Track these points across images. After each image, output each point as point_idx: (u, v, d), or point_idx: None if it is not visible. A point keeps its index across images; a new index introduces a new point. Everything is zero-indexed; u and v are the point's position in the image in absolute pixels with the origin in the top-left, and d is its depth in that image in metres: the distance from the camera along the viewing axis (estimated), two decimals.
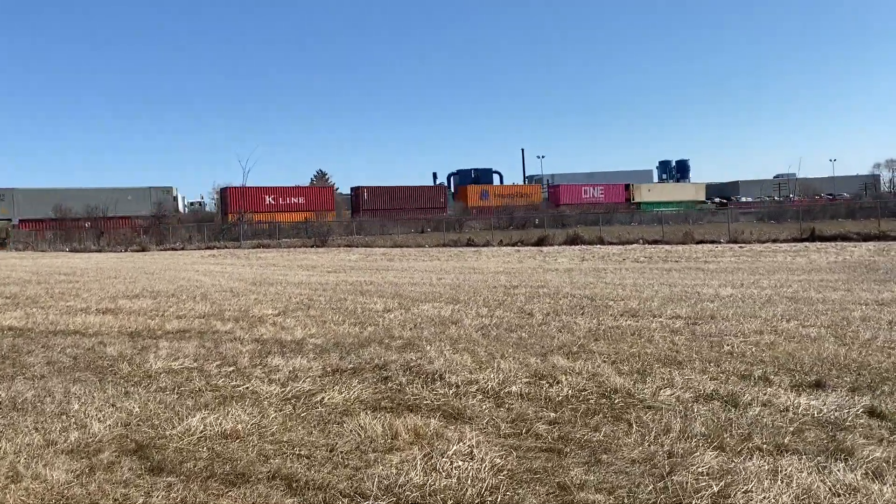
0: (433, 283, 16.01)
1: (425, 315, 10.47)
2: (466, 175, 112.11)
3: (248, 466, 4.00)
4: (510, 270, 19.76)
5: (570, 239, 33.81)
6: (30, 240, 45.44)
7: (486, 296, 12.86)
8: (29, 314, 11.32)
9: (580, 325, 9.17)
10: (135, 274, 19.76)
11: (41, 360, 7.55)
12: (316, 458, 4.12)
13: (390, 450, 4.20)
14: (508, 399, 5.30)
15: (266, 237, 44.95)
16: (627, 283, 14.85)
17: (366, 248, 35.63)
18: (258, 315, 10.75)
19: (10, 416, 5.27)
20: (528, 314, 10.43)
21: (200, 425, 4.74)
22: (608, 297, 12.32)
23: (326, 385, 5.89)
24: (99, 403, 5.49)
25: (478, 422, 4.74)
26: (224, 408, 5.22)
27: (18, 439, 4.62)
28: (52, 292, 14.78)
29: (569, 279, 16.03)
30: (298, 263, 24.74)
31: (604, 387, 5.56)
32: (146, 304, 12.34)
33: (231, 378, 6.33)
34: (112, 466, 4.07)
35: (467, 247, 34.26)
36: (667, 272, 18.06)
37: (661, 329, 8.71)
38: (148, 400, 5.55)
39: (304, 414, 5.07)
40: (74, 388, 6.02)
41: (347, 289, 14.76)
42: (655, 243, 32.69)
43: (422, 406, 5.18)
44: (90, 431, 4.74)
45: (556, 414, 4.83)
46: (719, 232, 36.22)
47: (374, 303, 12.15)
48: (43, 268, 23.88)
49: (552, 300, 12.04)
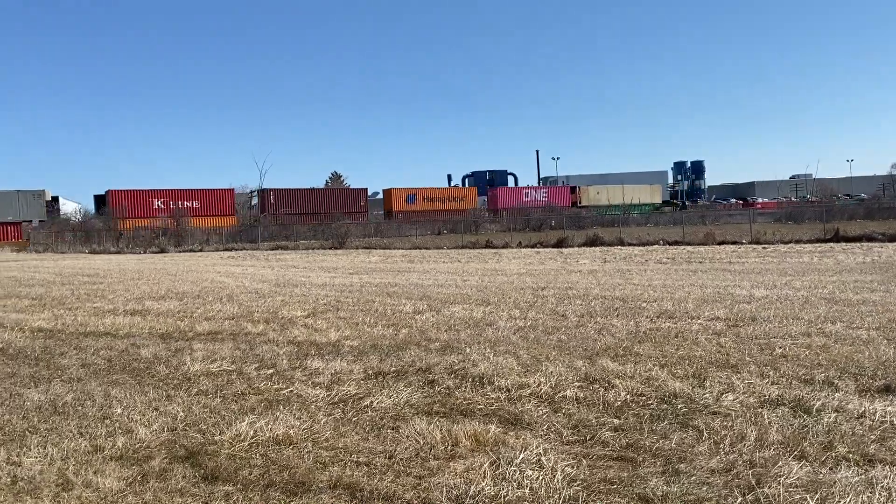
0: (458, 284, 15.83)
1: (457, 317, 10.29)
2: (481, 177, 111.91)
3: (307, 474, 3.83)
4: (533, 272, 19.54)
5: (589, 240, 33.51)
6: (49, 241, 45.70)
7: (516, 298, 12.66)
8: (57, 315, 11.25)
9: (618, 327, 8.95)
10: (158, 276, 19.71)
11: (75, 361, 7.44)
12: (376, 466, 3.95)
13: (452, 457, 4.02)
14: (564, 404, 5.10)
15: (283, 239, 44.96)
16: (656, 285, 14.60)
17: (384, 249, 35.50)
18: (288, 317, 10.61)
19: (52, 419, 5.14)
20: (561, 316, 10.23)
21: (250, 430, 4.57)
22: (640, 299, 12.09)
23: (372, 389, 5.72)
24: (141, 407, 5.34)
25: (537, 428, 4.55)
26: (271, 412, 5.06)
27: (64, 444, 4.48)
28: (78, 294, 14.73)
29: (596, 281, 15.79)
30: (319, 265, 24.64)
31: (661, 391, 5.35)
32: (173, 306, 12.24)
33: (272, 381, 6.18)
34: (164, 474, 3.92)
35: (486, 248, 34.05)
36: (693, 273, 17.78)
37: (703, 331, 8.48)
38: (191, 404, 5.40)
39: (356, 419, 4.90)
40: (114, 392, 5.88)
41: (373, 290, 14.60)
42: (676, 244, 32.33)
43: (475, 411, 5.00)
44: (137, 436, 4.59)
45: (619, 420, 4.63)
46: (739, 233, 35.80)
47: (402, 304, 11.99)
48: (65, 269, 23.92)
49: (583, 302, 11.82)
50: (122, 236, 44.33)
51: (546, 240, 35.11)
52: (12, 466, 4.12)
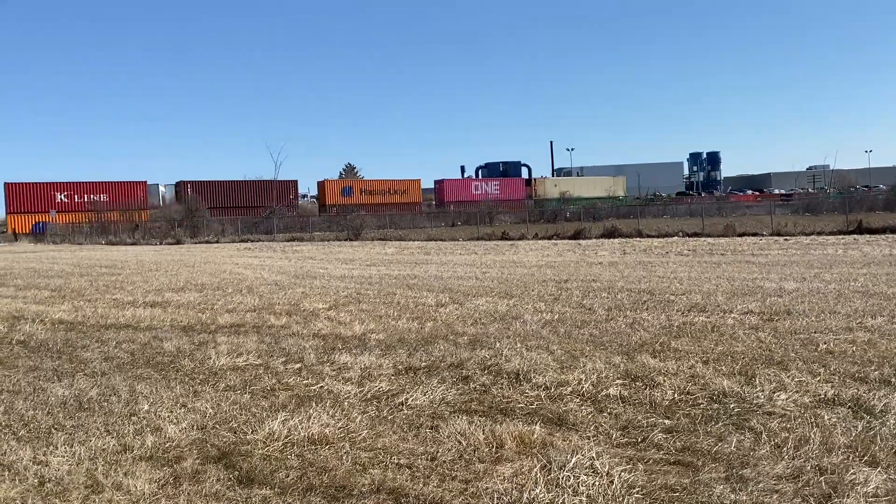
0: (478, 276, 15.60)
1: (481, 310, 10.08)
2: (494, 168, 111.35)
3: (347, 477, 3.64)
4: (553, 264, 19.27)
5: (607, 232, 33.15)
6: (66, 232, 45.87)
7: (539, 290, 12.43)
8: (77, 307, 11.14)
9: (649, 321, 8.71)
10: (175, 267, 19.63)
11: (98, 355, 7.30)
12: (418, 469, 3.75)
13: (498, 460, 3.82)
14: (608, 403, 4.88)
15: (298, 230, 44.88)
16: (682, 277, 14.32)
17: (399, 241, 35.32)
18: (310, 309, 10.44)
19: (78, 416, 4.98)
20: (588, 309, 9.99)
21: (283, 429, 4.39)
22: (667, 292, 11.83)
23: (405, 385, 5.52)
24: (169, 404, 5.17)
25: (584, 429, 4.33)
26: (304, 409, 4.87)
27: (92, 443, 4.31)
28: (97, 285, 14.64)
29: (619, 273, 15.52)
30: (336, 257, 24.48)
31: (709, 389, 5.12)
32: (193, 298, 12.10)
33: (301, 376, 6.00)
34: (198, 476, 3.74)
35: (502, 240, 33.77)
36: (717, 265, 17.46)
37: (739, 325, 8.22)
38: (220, 400, 5.22)
39: (391, 417, 4.70)
40: (139, 387, 5.72)
41: (393, 282, 14.41)
42: (696, 236, 31.92)
43: (515, 410, 4.78)
44: (166, 435, 4.42)
45: (670, 421, 4.41)
46: (759, 224, 35.31)
47: (424, 297, 11.79)
48: (83, 260, 23.91)
49: (609, 295, 11.58)
50: (138, 227, 44.41)
51: (563, 231, 34.79)
52: (39, 466, 3.96)
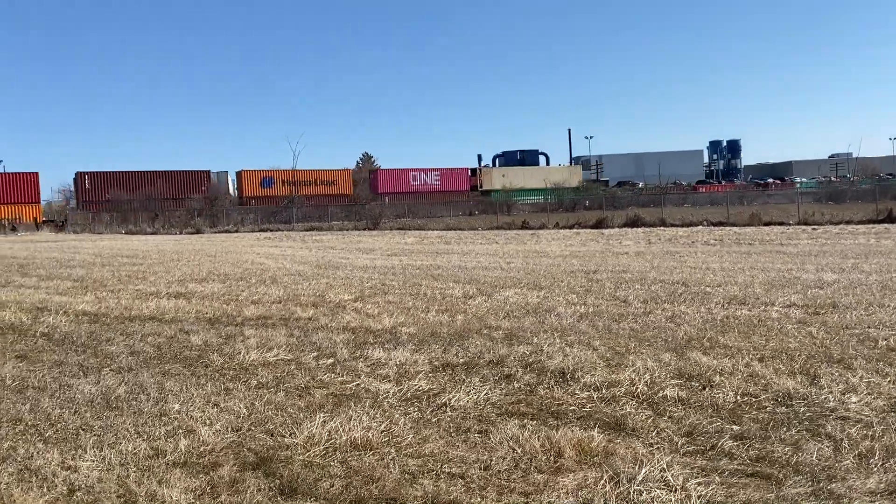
0: (503, 267, 15.31)
1: (511, 302, 9.78)
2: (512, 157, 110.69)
3: (397, 489, 3.37)
4: (577, 254, 18.93)
5: (630, 221, 32.70)
6: (87, 222, 46.08)
7: (569, 281, 12.10)
8: (100, 298, 10.98)
9: (689, 315, 8.38)
10: (197, 257, 19.49)
11: (123, 349, 7.09)
12: (472, 479, 3.48)
13: (558, 470, 3.53)
14: (666, 405, 4.58)
15: (316, 220, 44.78)
16: (714, 268, 13.94)
17: (419, 230, 35.07)
18: (336, 301, 10.20)
19: (106, 415, 4.76)
20: (623, 302, 9.67)
21: (323, 432, 4.13)
22: (702, 283, 11.46)
23: (446, 384, 5.25)
24: (200, 403, 4.94)
25: (645, 435, 4.04)
26: (342, 410, 4.61)
27: (122, 446, 4.08)
28: (119, 275, 14.51)
29: (648, 264, 15.14)
30: (356, 247, 24.27)
31: (772, 391, 4.80)
32: (217, 289, 11.92)
33: (335, 373, 5.74)
34: (236, 485, 3.49)
35: (522, 230, 33.42)
36: (747, 255, 17.04)
37: (785, 319, 7.87)
38: (253, 399, 4.98)
39: (435, 420, 4.43)
40: (168, 384, 5.49)
41: (417, 273, 14.15)
42: (721, 225, 31.42)
43: (567, 413, 4.49)
44: (200, 438, 4.18)
45: (738, 427, 4.09)
46: (785, 213, 34.66)
47: (450, 288, 11.51)
48: (104, 250, 23.87)
49: (642, 286, 11.23)
50: (158, 217, 44.50)
51: (584, 220, 34.37)
52: (68, 472, 3.73)
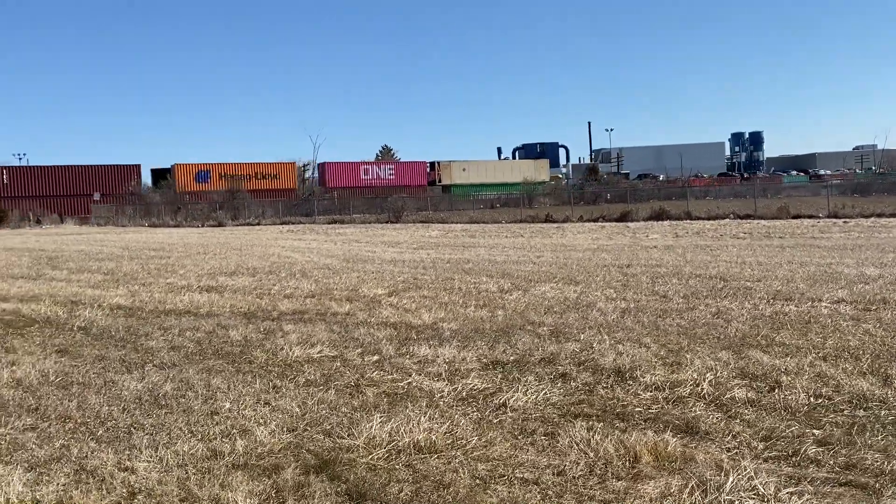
0: (533, 261, 15.11)
1: (550, 297, 9.60)
2: (531, 149, 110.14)
3: (471, 496, 3.22)
4: (606, 247, 18.68)
5: (655, 214, 32.28)
6: (110, 214, 46.42)
7: (603, 276, 11.89)
8: (133, 292, 10.95)
9: (735, 311, 8.15)
10: (223, 250, 19.48)
11: (163, 343, 7.01)
12: (547, 485, 3.32)
13: (637, 477, 3.37)
14: (735, 407, 4.39)
15: (337, 213, 44.76)
16: (750, 262, 13.65)
17: (442, 224, 34.90)
18: (370, 295, 10.08)
19: (156, 414, 4.65)
20: (663, 297, 9.45)
21: (384, 433, 3.99)
22: (740, 278, 11.21)
23: (500, 383, 5.09)
24: (250, 401, 4.82)
25: (720, 439, 3.86)
26: (398, 410, 4.47)
27: (177, 446, 3.96)
28: (148, 269, 14.50)
29: (681, 258, 14.87)
30: (381, 240, 24.16)
31: (845, 392, 4.59)
32: (247, 282, 11.84)
33: (384, 370, 5.61)
34: (301, 490, 3.36)
35: (546, 223, 33.13)
36: (781, 249, 16.70)
37: (837, 316, 7.62)
38: (304, 398, 4.85)
39: (497, 421, 4.28)
40: (215, 381, 5.38)
41: (447, 267, 13.99)
42: (748, 218, 30.93)
43: (634, 415, 4.32)
44: (256, 438, 4.05)
45: (819, 431, 3.90)
46: (812, 206, 34.07)
47: (484, 282, 11.35)
48: (130, 243, 23.95)
49: (679, 281, 11.00)
50: (180, 210, 44.72)
51: (609, 213, 33.99)
52: (126, 474, 3.62)
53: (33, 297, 10.56)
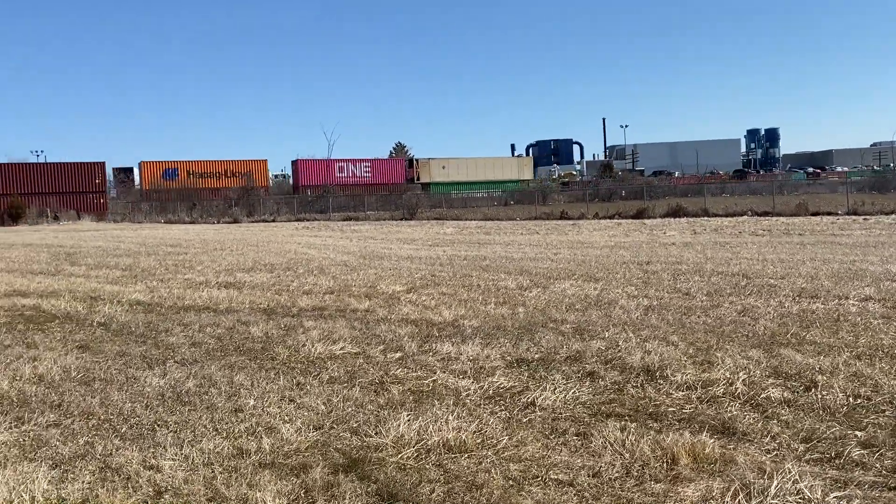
0: (551, 258, 14.99)
1: (570, 294, 9.49)
2: (545, 146, 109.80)
3: (505, 497, 3.14)
4: (623, 244, 18.52)
5: (672, 211, 32.01)
6: (126, 211, 46.72)
7: (623, 273, 11.76)
8: (152, 288, 10.94)
9: (761, 309, 8.01)
10: (239, 246, 19.49)
11: (183, 340, 6.97)
12: (583, 488, 3.23)
13: (676, 480, 3.26)
14: (771, 407, 4.27)
15: (352, 210, 44.77)
16: (772, 259, 13.46)
17: (456, 220, 34.81)
18: (388, 292, 10.01)
19: (179, 410, 4.60)
20: (686, 294, 9.32)
21: (411, 432, 3.91)
22: (763, 275, 11.04)
23: (527, 381, 5.00)
24: (274, 398, 4.76)
25: (759, 440, 3.75)
26: (425, 408, 4.39)
27: (203, 444, 3.90)
28: (166, 264, 14.51)
29: (701, 255, 14.69)
30: (395, 237, 24.11)
31: (884, 392, 4.46)
32: (265, 279, 11.81)
33: (407, 367, 5.53)
34: (331, 490, 3.28)
35: (561, 220, 32.97)
36: (802, 246, 16.48)
37: (867, 314, 7.46)
38: (329, 395, 4.78)
39: (526, 420, 4.18)
40: (238, 378, 5.33)
41: (464, 264, 13.90)
42: (766, 215, 30.61)
43: (667, 414, 4.21)
44: (282, 436, 3.99)
45: (862, 433, 3.77)
46: (831, 203, 33.66)
47: (502, 279, 11.25)
48: (147, 239, 24.05)
49: (701, 278, 10.85)
50: (196, 207, 44.91)
51: (625, 210, 33.77)
52: (151, 472, 3.56)
53: (53, 293, 10.58)
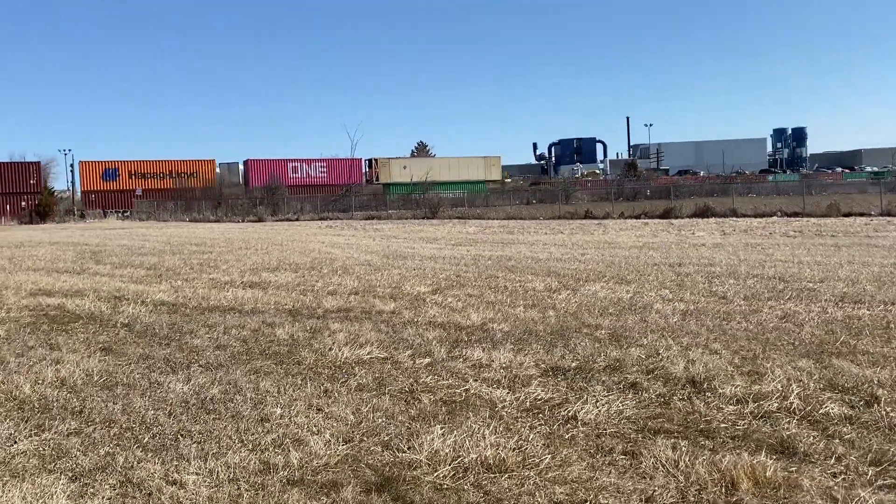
0: (578, 258, 14.69)
1: (601, 297, 9.21)
2: (568, 145, 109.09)
3: None
4: (651, 245, 18.14)
5: (699, 211, 31.48)
6: (152, 209, 47.08)
7: (655, 275, 11.44)
8: (176, 287, 10.84)
9: (802, 314, 7.67)
10: (264, 245, 19.42)
11: (208, 342, 6.82)
12: None
13: None
14: (832, 425, 3.98)
15: (374, 209, 44.72)
16: (807, 261, 13.04)
17: (478, 220, 34.56)
18: (413, 293, 9.80)
19: (204, 419, 4.42)
20: (722, 298, 9.00)
21: (447, 448, 3.69)
22: (801, 278, 10.66)
23: (566, 393, 4.75)
24: (302, 407, 4.56)
25: (822, 462, 3.47)
26: (460, 420, 4.17)
27: (228, 457, 3.71)
28: (191, 264, 14.44)
29: (735, 256, 14.31)
30: (418, 236, 23.92)
31: None
32: (290, 278, 11.67)
33: (438, 374, 5.31)
34: None
35: (586, 219, 32.57)
36: (836, 248, 16.00)
37: None
38: (358, 404, 4.58)
39: (568, 436, 3.94)
40: (263, 384, 5.14)
41: (489, 264, 13.65)
42: (796, 216, 29.98)
43: (719, 431, 3.95)
44: (311, 450, 3.78)
45: None
46: (865, 204, 32.86)
47: (529, 281, 10.99)
48: (172, 238, 24.10)
49: (737, 281, 10.50)
50: (220, 205, 45.13)
51: (651, 210, 33.27)
52: (174, 488, 3.38)
53: (77, 292, 10.52)
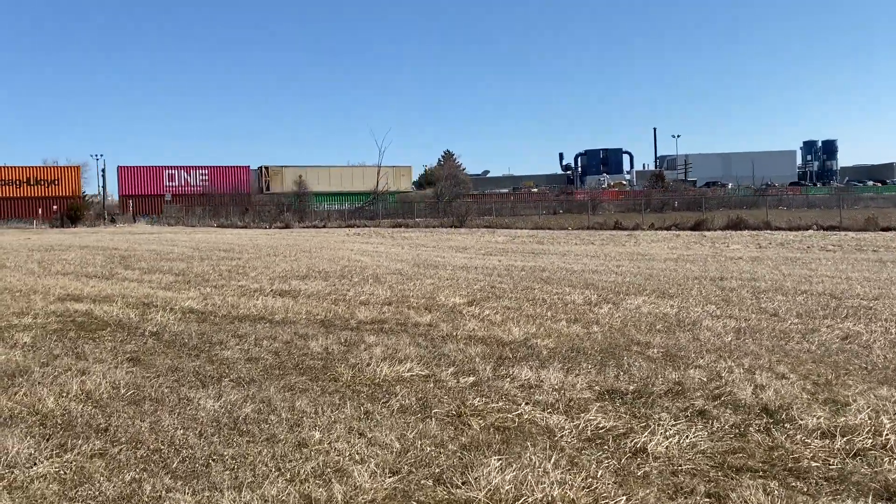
0: (614, 270, 14.23)
1: (645, 312, 8.79)
2: (594, 155, 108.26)
3: None
4: (686, 258, 17.61)
5: (732, 223, 30.77)
6: (180, 215, 47.32)
7: (698, 289, 10.97)
8: (205, 295, 10.59)
9: (867, 335, 7.20)
10: (292, 252, 19.20)
11: (239, 354, 6.51)
12: None
13: None
14: None
15: (400, 216, 44.52)
16: (855, 277, 12.48)
17: (506, 229, 34.14)
18: (448, 304, 9.44)
19: (237, 442, 4.09)
20: (774, 315, 8.53)
21: (507, 485, 3.31)
22: (853, 295, 10.14)
23: (630, 421, 4.35)
24: (342, 430, 4.21)
25: None
26: (516, 451, 3.79)
27: (265, 489, 3.37)
28: (220, 270, 14.23)
29: (777, 271, 13.76)
30: (447, 244, 23.58)
31: None
32: (320, 287, 11.37)
33: (485, 396, 4.93)
34: None
35: (616, 230, 32.00)
36: (881, 263, 15.37)
37: None
38: (403, 429, 4.22)
39: (641, 473, 3.55)
40: (299, 403, 4.81)
41: (523, 275, 13.26)
42: (833, 229, 29.17)
43: (810, 471, 3.53)
44: (355, 482, 3.43)
45: None
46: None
47: (567, 293, 10.58)
48: (200, 243, 24.00)
49: (785, 297, 10.01)
50: (248, 211, 45.23)
51: (682, 222, 32.63)
52: None
53: (106, 298, 10.32)
